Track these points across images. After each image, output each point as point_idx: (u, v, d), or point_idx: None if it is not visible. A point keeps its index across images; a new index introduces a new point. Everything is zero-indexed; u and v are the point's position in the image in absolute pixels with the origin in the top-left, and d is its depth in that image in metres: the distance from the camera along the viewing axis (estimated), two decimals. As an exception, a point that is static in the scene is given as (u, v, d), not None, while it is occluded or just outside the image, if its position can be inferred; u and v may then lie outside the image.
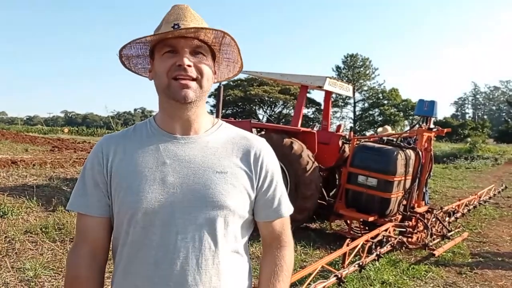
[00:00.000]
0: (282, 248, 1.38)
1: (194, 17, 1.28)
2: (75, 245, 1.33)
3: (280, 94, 47.20)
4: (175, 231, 1.22)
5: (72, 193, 1.34)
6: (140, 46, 1.33)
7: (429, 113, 6.48)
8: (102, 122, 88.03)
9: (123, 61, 1.37)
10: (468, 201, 8.61)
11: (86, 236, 1.31)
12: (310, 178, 6.22)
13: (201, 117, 1.33)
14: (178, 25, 1.23)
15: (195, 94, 1.25)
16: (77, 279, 1.29)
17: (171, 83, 1.24)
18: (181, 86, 1.23)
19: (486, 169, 20.14)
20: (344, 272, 4.14)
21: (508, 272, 5.26)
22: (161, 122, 1.34)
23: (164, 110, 1.32)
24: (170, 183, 1.24)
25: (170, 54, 1.25)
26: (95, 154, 1.32)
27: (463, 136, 46.67)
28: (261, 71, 7.62)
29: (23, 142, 20.17)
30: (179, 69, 1.23)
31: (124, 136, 1.36)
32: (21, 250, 4.79)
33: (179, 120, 1.31)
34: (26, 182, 8.71)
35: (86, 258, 1.29)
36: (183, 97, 1.24)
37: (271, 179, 1.35)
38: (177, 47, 1.25)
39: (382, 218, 6.03)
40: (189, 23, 1.25)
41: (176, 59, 1.24)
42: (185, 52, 1.25)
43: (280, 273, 1.34)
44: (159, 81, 1.27)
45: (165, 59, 1.25)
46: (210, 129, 1.36)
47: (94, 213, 1.29)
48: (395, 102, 56.16)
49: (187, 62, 1.23)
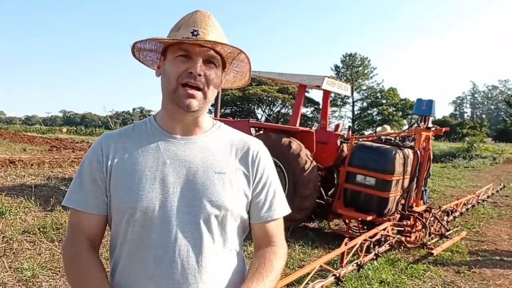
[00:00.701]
0: (274, 248, 1.38)
1: (214, 26, 1.28)
2: (69, 237, 1.32)
3: (278, 94, 47.22)
4: (175, 230, 1.23)
5: (69, 189, 1.34)
6: (155, 43, 1.34)
7: (427, 112, 6.48)
8: (101, 122, 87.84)
9: (133, 51, 1.38)
10: (467, 200, 8.61)
11: (80, 229, 1.30)
12: (308, 178, 6.22)
13: (201, 118, 1.35)
14: (197, 32, 1.24)
15: (198, 104, 1.27)
16: (80, 259, 1.26)
17: (178, 89, 1.25)
18: (187, 95, 1.25)
19: (485, 168, 20.16)
20: (343, 272, 4.14)
21: (506, 271, 5.27)
22: (162, 122, 1.35)
23: (166, 111, 1.33)
24: (170, 182, 1.26)
25: (183, 59, 1.26)
26: (94, 152, 1.33)
27: (461, 135, 46.79)
28: (259, 70, 7.61)
29: (21, 141, 20.12)
30: (189, 76, 1.24)
31: (123, 134, 1.36)
32: (19, 250, 4.78)
33: (180, 123, 1.32)
34: (24, 182, 8.69)
35: (84, 243, 1.29)
36: (187, 106, 1.26)
37: (264, 181, 1.37)
38: (192, 53, 1.25)
39: (380, 217, 6.04)
40: (208, 31, 1.26)
41: (189, 66, 1.25)
42: (199, 60, 1.25)
43: (266, 266, 1.31)
44: (167, 83, 1.27)
45: (178, 63, 1.26)
46: (210, 130, 1.38)
47: (90, 210, 1.30)
48: (393, 101, 56.25)
49: (198, 71, 1.24)
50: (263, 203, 1.36)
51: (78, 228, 1.31)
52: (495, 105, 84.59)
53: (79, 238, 1.29)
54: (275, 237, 1.40)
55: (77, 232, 1.30)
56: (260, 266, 1.31)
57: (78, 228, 1.31)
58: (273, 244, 1.39)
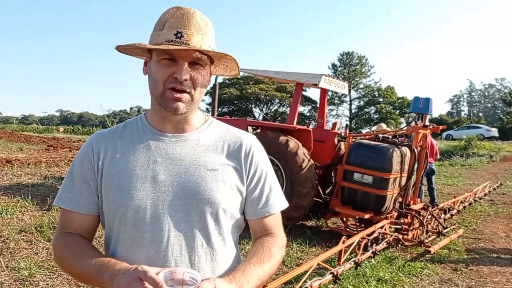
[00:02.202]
0: (273, 237, 1.37)
1: (199, 26, 1.24)
2: (59, 233, 1.32)
3: (276, 92, 47.21)
4: (167, 229, 1.22)
5: (60, 189, 1.34)
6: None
7: (425, 111, 6.49)
8: (98, 121, 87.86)
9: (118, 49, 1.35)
10: (464, 198, 8.63)
11: (71, 228, 1.30)
12: (306, 176, 6.22)
13: (191, 115, 1.33)
14: (181, 34, 1.21)
15: (186, 106, 1.26)
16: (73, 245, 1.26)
17: (165, 93, 1.24)
18: (173, 99, 1.23)
19: (481, 166, 20.21)
20: (340, 270, 4.14)
21: (503, 269, 5.28)
22: (152, 121, 1.34)
23: (155, 111, 1.33)
24: (161, 181, 1.25)
25: (168, 62, 1.23)
26: (85, 151, 1.32)
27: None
28: (256, 69, 7.61)
29: (18, 141, 20.03)
30: (175, 81, 1.22)
31: (114, 133, 1.35)
32: (15, 250, 4.76)
33: (170, 121, 1.31)
34: (21, 181, 8.66)
35: (74, 234, 1.29)
36: (174, 109, 1.24)
37: (259, 176, 1.35)
38: (177, 57, 1.23)
39: (377, 216, 6.05)
40: (192, 32, 1.22)
41: (174, 70, 1.22)
42: (184, 64, 1.23)
43: (264, 252, 1.29)
44: (154, 86, 1.26)
45: (163, 67, 1.23)
46: (201, 127, 1.36)
47: (81, 210, 1.29)
48: (391, 100, 56.32)
49: (184, 77, 1.22)
50: (259, 198, 1.35)
51: (69, 227, 1.31)
52: (492, 103, 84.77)
53: (70, 233, 1.30)
54: (274, 229, 1.38)
55: (67, 229, 1.31)
56: (258, 251, 1.29)
57: (68, 227, 1.31)
58: (272, 235, 1.37)
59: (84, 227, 1.31)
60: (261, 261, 1.26)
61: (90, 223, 1.32)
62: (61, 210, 1.34)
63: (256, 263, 1.25)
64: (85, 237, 1.31)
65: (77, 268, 1.22)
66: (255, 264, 1.24)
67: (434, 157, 8.94)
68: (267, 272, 1.26)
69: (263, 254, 1.29)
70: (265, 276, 1.25)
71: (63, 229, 1.31)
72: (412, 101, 6.79)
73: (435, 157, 9.11)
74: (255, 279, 1.21)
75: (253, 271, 1.22)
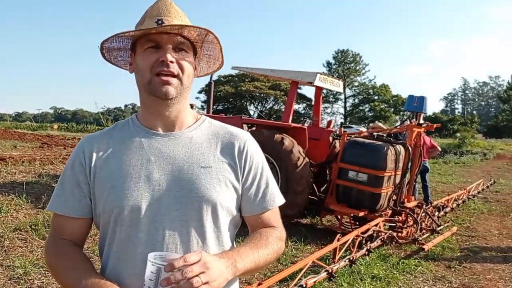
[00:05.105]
0: (272, 229, 1.36)
1: (178, 13, 1.28)
2: (52, 237, 1.32)
3: (271, 90, 47.24)
4: (162, 228, 1.22)
5: (53, 194, 1.33)
6: (122, 39, 1.32)
7: (419, 109, 6.52)
8: (92, 118, 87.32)
9: (103, 54, 1.36)
10: (457, 196, 8.70)
11: (63, 232, 1.30)
12: (300, 174, 6.24)
13: (182, 113, 1.33)
14: (161, 21, 1.23)
15: (175, 91, 1.25)
16: (65, 254, 1.25)
17: (153, 79, 1.24)
18: (162, 82, 1.23)
19: (475, 164, 20.37)
20: (335, 267, 4.16)
21: (496, 266, 5.33)
22: (143, 120, 1.34)
23: (146, 107, 1.32)
24: (155, 180, 1.24)
25: (152, 50, 1.25)
26: (76, 154, 1.31)
27: (452, 131, 47.13)
28: (251, 67, 7.60)
29: (11, 138, 19.90)
30: (162, 65, 1.23)
31: (106, 135, 1.35)
32: (10, 248, 4.75)
33: (160, 116, 1.30)
34: (15, 179, 8.62)
35: (67, 241, 1.29)
36: (164, 93, 1.24)
37: (255, 172, 1.35)
38: (160, 42, 1.24)
39: (372, 213, 6.08)
40: (172, 19, 1.25)
41: (159, 55, 1.23)
42: (168, 48, 1.24)
43: (262, 240, 1.28)
44: (141, 76, 1.26)
45: (148, 54, 1.24)
46: (193, 125, 1.36)
47: (73, 214, 1.28)
48: (385, 97, 56.50)
49: (170, 58, 1.23)
50: (256, 195, 1.34)
51: (61, 231, 1.30)
52: (486, 101, 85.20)
53: (62, 238, 1.29)
54: (273, 223, 1.37)
55: (60, 234, 1.30)
56: (255, 238, 1.29)
57: (61, 232, 1.30)
58: (271, 227, 1.37)
59: (77, 231, 1.30)
60: (257, 246, 1.26)
61: (82, 226, 1.31)
62: (53, 214, 1.33)
63: (252, 247, 1.24)
64: (77, 243, 1.31)
65: (69, 282, 1.21)
66: (251, 248, 1.24)
67: (433, 153, 9.00)
68: (262, 258, 1.25)
69: (260, 240, 1.28)
70: (260, 262, 1.24)
71: (56, 234, 1.31)
72: (406, 100, 6.83)
73: (435, 152, 9.17)
74: (250, 260, 1.21)
75: (248, 253, 1.22)
